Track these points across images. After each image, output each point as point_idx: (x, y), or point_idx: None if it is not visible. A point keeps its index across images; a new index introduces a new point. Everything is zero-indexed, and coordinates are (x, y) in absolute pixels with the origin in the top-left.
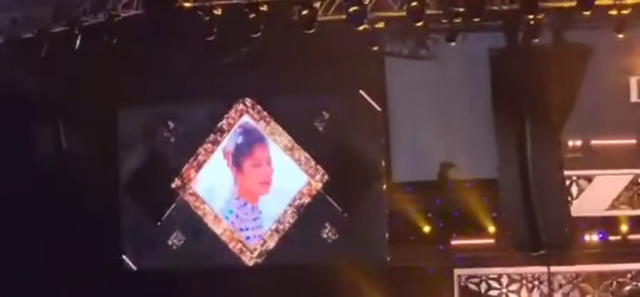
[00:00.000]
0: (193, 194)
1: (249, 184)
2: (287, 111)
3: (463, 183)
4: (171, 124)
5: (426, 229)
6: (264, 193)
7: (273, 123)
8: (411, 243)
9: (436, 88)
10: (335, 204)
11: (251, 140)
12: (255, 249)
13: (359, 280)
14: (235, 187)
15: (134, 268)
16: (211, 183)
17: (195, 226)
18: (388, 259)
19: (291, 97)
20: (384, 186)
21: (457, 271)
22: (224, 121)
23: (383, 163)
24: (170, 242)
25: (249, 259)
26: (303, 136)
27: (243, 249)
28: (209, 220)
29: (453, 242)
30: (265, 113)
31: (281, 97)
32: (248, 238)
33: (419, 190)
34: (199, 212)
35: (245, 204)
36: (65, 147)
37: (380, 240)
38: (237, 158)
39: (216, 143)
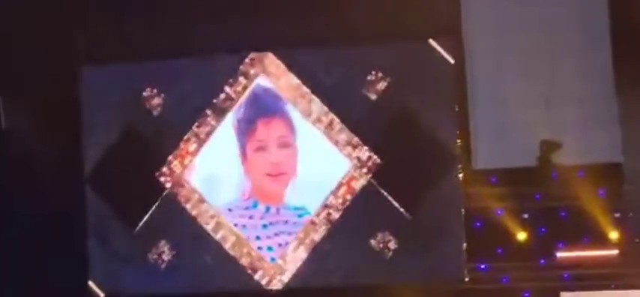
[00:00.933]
0: (186, 189)
1: (256, 178)
2: (322, 70)
3: (573, 170)
4: (155, 91)
5: (521, 236)
6: (277, 189)
7: (301, 87)
8: (499, 256)
9: (533, 35)
10: (392, 200)
11: (253, 114)
12: (277, 267)
13: None
14: (246, 181)
15: (101, 295)
16: (213, 173)
17: (189, 233)
18: (466, 279)
19: (329, 51)
20: (461, 175)
21: (565, 295)
22: (231, 85)
23: (458, 143)
24: (152, 257)
25: (268, 282)
26: (346, 106)
27: (260, 267)
28: (210, 226)
29: (559, 254)
30: (290, 73)
31: (313, 50)
32: (265, 249)
33: (510, 181)
34: (195, 213)
35: (256, 204)
36: (5, 123)
37: (455, 251)
38: (241, 139)
39: (219, 116)
